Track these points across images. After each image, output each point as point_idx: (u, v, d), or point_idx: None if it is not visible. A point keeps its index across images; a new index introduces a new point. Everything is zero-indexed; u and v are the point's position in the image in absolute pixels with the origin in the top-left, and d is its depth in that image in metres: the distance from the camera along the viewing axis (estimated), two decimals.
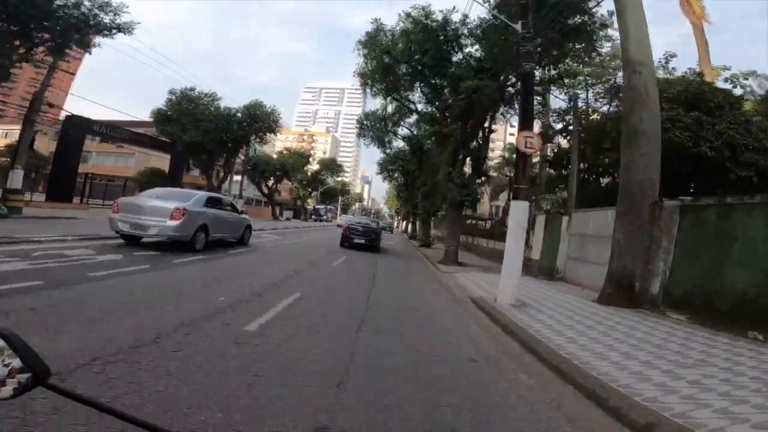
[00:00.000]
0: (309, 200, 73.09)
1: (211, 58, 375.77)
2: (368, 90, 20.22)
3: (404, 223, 70.04)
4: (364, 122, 29.46)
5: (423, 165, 23.63)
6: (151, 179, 29.90)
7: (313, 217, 61.58)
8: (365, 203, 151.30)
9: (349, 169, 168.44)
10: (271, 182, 43.98)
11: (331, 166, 58.45)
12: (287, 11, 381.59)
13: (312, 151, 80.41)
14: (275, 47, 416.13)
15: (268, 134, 31.87)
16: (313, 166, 57.87)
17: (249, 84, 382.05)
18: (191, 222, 9.12)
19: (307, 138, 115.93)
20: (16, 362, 0.71)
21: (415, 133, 23.55)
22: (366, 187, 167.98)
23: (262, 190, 43.72)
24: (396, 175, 47.07)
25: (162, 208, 8.89)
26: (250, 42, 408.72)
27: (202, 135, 28.24)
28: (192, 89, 29.45)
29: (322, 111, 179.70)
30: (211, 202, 10.47)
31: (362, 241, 15.99)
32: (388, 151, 31.61)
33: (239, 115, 29.81)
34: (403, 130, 26.45)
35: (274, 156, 46.46)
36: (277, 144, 71.56)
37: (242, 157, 35.41)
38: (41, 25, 12.82)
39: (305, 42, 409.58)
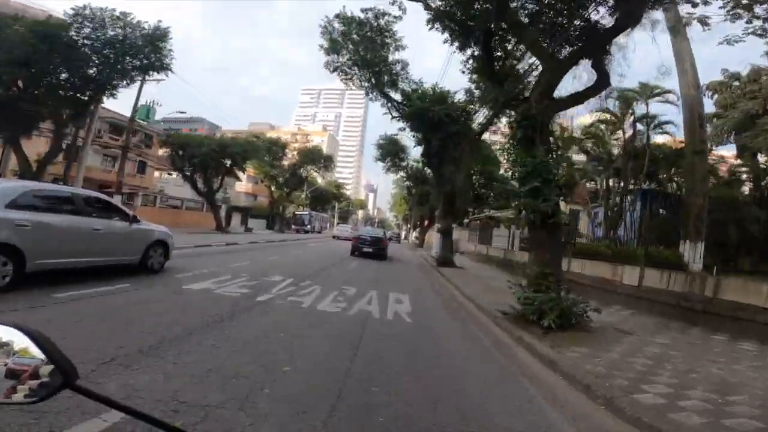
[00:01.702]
0: (301, 207, 57.58)
1: (213, 66, 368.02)
2: None
3: (415, 232, 54.02)
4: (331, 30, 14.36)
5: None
6: None
7: (293, 226, 45.81)
8: (370, 212, 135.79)
9: (350, 175, 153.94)
10: (212, 174, 28.57)
11: (314, 155, 42.70)
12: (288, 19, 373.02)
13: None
14: (276, 56, 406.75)
15: (152, 72, 16.61)
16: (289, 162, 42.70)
17: (253, 93, 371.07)
18: None
19: (301, 137, 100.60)
20: (44, 365, 0.68)
21: None
22: (370, 196, 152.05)
23: (197, 187, 28.24)
24: (405, 162, 30.97)
25: None
26: (254, 51, 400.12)
27: None
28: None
29: (322, 114, 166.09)
30: (40, 201, 5.63)
31: (370, 250, 17.48)
32: (393, 94, 16.04)
33: (72, 33, 14.51)
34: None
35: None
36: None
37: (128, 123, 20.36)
38: None
39: (304, 49, 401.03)
